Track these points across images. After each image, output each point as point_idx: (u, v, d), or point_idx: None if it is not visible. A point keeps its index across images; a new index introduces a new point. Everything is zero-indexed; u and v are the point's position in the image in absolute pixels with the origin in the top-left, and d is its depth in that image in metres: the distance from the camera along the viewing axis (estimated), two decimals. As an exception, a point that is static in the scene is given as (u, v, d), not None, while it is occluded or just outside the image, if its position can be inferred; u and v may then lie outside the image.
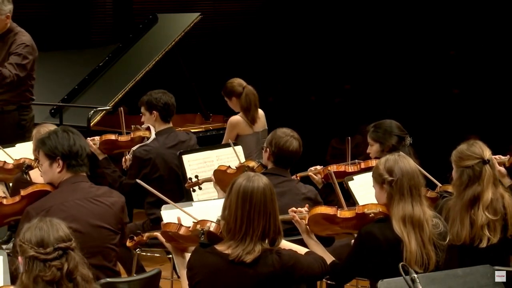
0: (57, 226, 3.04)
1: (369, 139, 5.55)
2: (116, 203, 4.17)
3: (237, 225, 3.44)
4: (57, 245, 2.98)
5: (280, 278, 3.47)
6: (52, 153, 4.09)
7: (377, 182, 3.92)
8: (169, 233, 3.85)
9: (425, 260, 3.77)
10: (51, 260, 2.96)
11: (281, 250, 3.53)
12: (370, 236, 3.82)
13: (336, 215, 4.05)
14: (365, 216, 3.96)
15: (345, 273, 4.01)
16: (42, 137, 4.20)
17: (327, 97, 11.03)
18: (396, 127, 5.50)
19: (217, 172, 5.33)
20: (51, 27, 10.42)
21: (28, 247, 2.98)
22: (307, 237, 4.11)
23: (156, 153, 5.84)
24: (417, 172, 3.90)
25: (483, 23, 10.71)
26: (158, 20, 8.67)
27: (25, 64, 6.44)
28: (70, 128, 4.25)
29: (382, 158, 3.98)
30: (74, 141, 4.11)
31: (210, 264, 3.45)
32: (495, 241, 4.19)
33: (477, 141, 4.35)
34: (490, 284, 3.49)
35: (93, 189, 4.16)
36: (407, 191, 3.82)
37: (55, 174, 4.12)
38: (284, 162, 4.93)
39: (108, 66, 8.41)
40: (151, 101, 5.97)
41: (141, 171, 5.78)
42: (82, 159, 4.13)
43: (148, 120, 6.02)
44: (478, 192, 4.22)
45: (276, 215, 3.52)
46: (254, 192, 3.46)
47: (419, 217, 3.80)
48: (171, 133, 6.02)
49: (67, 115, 7.75)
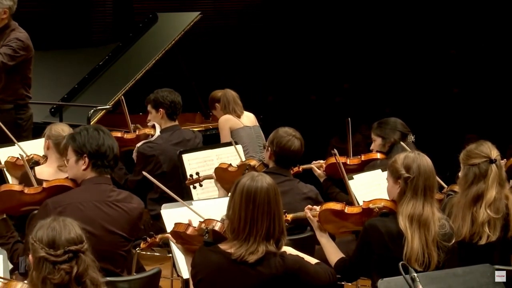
0: (70, 227, 3.00)
1: (373, 135, 5.66)
2: (134, 209, 4.12)
3: (241, 225, 3.43)
4: (68, 248, 2.95)
5: (283, 282, 3.45)
6: (80, 150, 4.06)
7: (392, 176, 3.93)
8: (179, 234, 3.86)
9: (426, 260, 3.78)
10: (61, 263, 2.94)
11: (286, 254, 3.51)
12: (373, 229, 3.85)
13: (343, 210, 4.10)
14: (371, 211, 4.01)
15: (353, 269, 4.03)
16: (73, 132, 4.19)
17: (328, 97, 11.03)
18: (400, 124, 5.65)
19: (218, 170, 5.34)
20: (51, 26, 10.41)
21: (39, 247, 2.95)
22: (320, 233, 4.15)
23: (160, 149, 5.87)
24: (434, 173, 3.92)
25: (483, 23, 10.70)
26: (158, 19, 8.68)
27: (13, 56, 6.45)
28: (102, 127, 4.22)
29: (401, 154, 3.99)
30: (104, 140, 4.08)
31: (212, 263, 3.45)
32: (493, 239, 4.21)
33: (486, 141, 4.38)
34: (490, 283, 3.49)
35: (114, 193, 4.11)
36: (421, 191, 3.84)
37: (79, 171, 4.09)
38: (285, 162, 4.93)
39: (108, 65, 8.42)
40: (158, 99, 6.00)
41: (145, 168, 5.79)
42: (109, 160, 4.09)
43: (154, 118, 6.04)
44: (482, 190, 4.24)
45: (281, 215, 3.51)
46: (257, 192, 3.45)
47: (427, 217, 3.81)
48: (176, 130, 6.05)
49: (67, 114, 7.75)
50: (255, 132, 7.07)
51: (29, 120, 6.81)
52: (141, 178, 5.80)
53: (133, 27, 9.21)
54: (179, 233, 3.86)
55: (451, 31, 10.97)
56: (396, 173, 3.90)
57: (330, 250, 4.12)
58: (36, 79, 6.80)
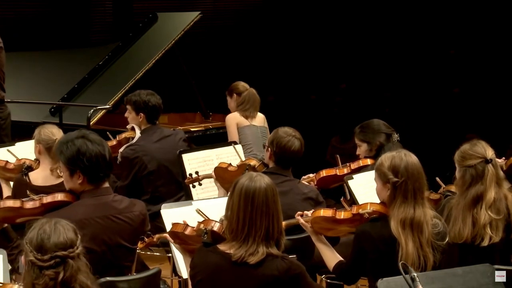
0: (60, 231, 2.93)
1: (356, 140, 5.55)
2: (136, 217, 4.01)
3: (240, 226, 3.42)
4: (55, 253, 2.88)
5: (284, 284, 3.43)
6: (72, 166, 3.90)
7: (380, 179, 3.88)
8: (177, 234, 3.85)
9: (422, 262, 3.76)
10: (47, 268, 2.87)
11: (289, 257, 3.50)
12: (364, 235, 3.83)
13: (335, 217, 4.05)
14: (361, 216, 3.97)
15: (350, 273, 4.02)
16: (60, 144, 3.99)
17: (328, 96, 11.03)
18: (383, 125, 5.54)
19: (217, 169, 5.33)
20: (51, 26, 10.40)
21: (29, 249, 2.89)
22: (316, 238, 4.13)
23: (142, 150, 5.86)
24: (422, 173, 3.87)
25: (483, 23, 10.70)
26: (158, 19, 8.68)
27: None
28: (90, 134, 3.99)
29: (387, 155, 3.92)
30: (93, 150, 3.89)
31: (212, 264, 3.44)
32: (497, 240, 4.18)
33: (480, 141, 4.35)
34: (490, 283, 3.48)
35: (116, 203, 3.98)
36: (411, 194, 3.80)
37: (76, 184, 3.94)
38: (285, 162, 4.91)
39: (108, 65, 8.42)
40: (139, 103, 5.96)
41: (132, 171, 5.80)
42: (103, 170, 3.93)
43: (133, 120, 6.02)
44: (481, 191, 4.21)
45: (279, 215, 3.49)
46: (256, 193, 3.43)
47: (419, 220, 3.78)
48: (156, 129, 6.03)
49: (66, 114, 7.74)
50: (261, 132, 7.04)
51: (7, 118, 6.75)
52: (130, 182, 5.81)
53: (133, 27, 9.21)
54: (177, 233, 3.85)
55: (451, 31, 10.97)
56: (384, 177, 3.85)
57: (328, 254, 4.10)
58: (36, 79, 6.79)
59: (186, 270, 3.90)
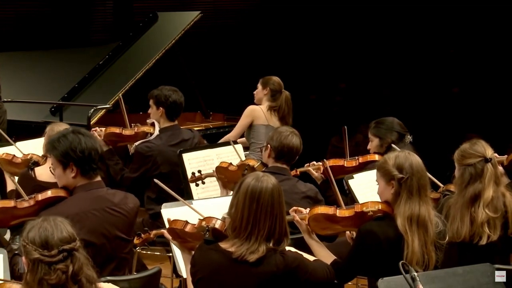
0: (61, 226, 2.98)
1: (370, 134, 5.60)
2: (131, 210, 4.07)
3: (243, 224, 3.43)
4: (62, 247, 2.92)
5: (283, 279, 3.45)
6: (64, 159, 3.94)
7: (384, 178, 3.88)
8: (175, 231, 3.85)
9: (426, 260, 3.77)
10: (56, 263, 2.91)
11: (286, 251, 3.51)
12: (371, 234, 3.81)
13: (335, 214, 4.04)
14: (364, 214, 3.94)
15: (346, 272, 3.98)
16: (52, 140, 4.04)
17: (327, 96, 11.03)
18: (398, 124, 5.58)
19: (218, 169, 5.34)
20: (51, 25, 10.41)
21: (33, 249, 2.92)
22: (308, 237, 4.10)
23: (157, 150, 5.84)
24: (425, 171, 3.89)
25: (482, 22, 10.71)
26: (158, 19, 8.68)
27: None
28: (81, 129, 4.08)
29: (391, 154, 3.94)
30: (86, 144, 3.95)
31: (213, 261, 3.45)
32: (495, 238, 4.20)
33: (480, 140, 4.36)
34: (490, 283, 3.49)
35: (110, 196, 4.03)
36: (416, 191, 3.80)
37: (69, 180, 3.98)
38: (285, 157, 4.93)
39: (108, 64, 8.42)
40: (160, 97, 5.95)
41: (142, 167, 5.79)
42: (96, 163, 3.98)
43: (154, 114, 6.02)
44: (479, 190, 4.22)
45: (283, 216, 3.50)
46: (262, 193, 3.44)
47: (424, 217, 3.79)
48: (175, 131, 6.02)
49: (67, 114, 7.75)
50: None
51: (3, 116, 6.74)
52: (138, 175, 5.81)
53: (133, 26, 9.22)
54: (175, 230, 3.85)
55: (451, 31, 10.97)
56: (389, 175, 3.85)
57: (321, 253, 4.05)
58: (36, 78, 6.80)
59: (185, 268, 3.90)
